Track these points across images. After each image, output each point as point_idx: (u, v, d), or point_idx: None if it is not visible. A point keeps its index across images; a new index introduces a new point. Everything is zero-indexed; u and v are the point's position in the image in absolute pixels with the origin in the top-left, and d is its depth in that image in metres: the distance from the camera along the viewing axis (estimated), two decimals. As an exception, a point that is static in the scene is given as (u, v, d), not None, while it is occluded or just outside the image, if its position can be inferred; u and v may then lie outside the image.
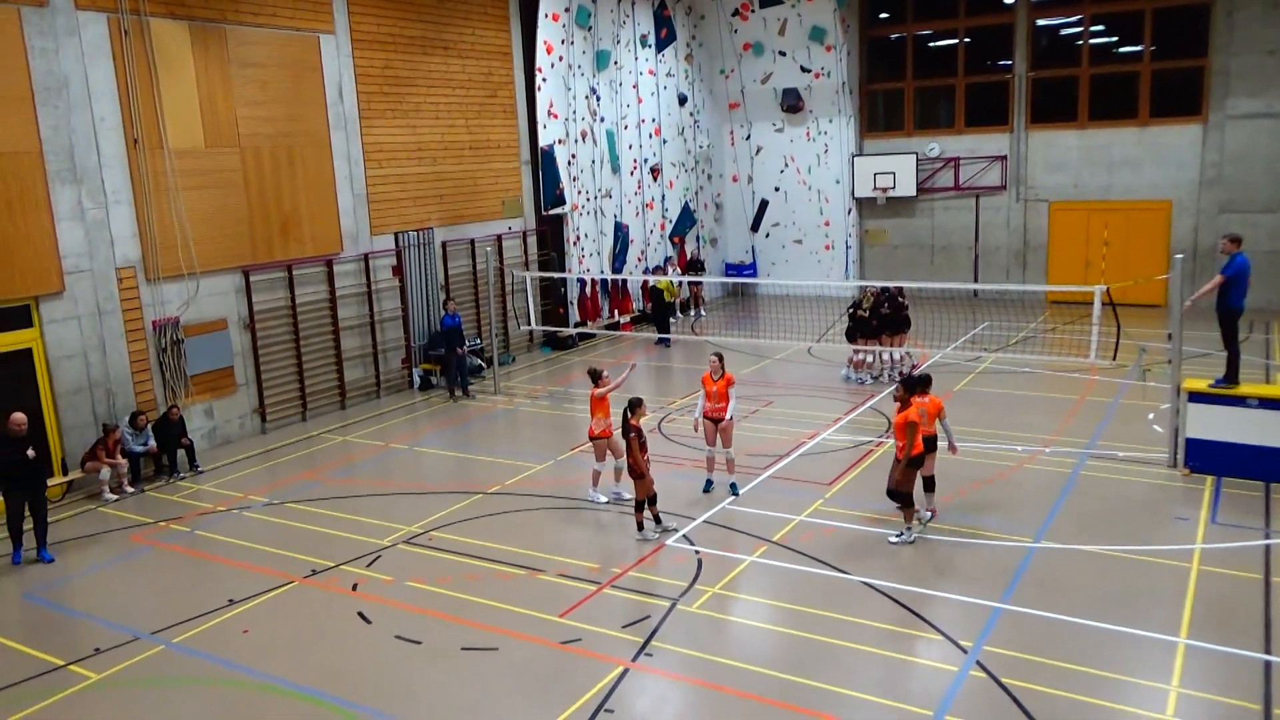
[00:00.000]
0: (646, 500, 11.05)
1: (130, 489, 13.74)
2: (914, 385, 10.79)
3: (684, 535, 11.17)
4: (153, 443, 14.10)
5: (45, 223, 13.33)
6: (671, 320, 23.51)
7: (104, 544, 11.96)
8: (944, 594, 9.47)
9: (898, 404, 10.71)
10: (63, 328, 13.62)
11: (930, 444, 10.93)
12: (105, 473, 13.42)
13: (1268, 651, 8.20)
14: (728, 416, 12.08)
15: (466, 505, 12.53)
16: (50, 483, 13.31)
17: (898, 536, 10.69)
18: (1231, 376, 12.28)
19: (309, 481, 13.84)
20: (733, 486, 12.38)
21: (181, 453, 14.41)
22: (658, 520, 11.21)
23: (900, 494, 10.58)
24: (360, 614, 9.63)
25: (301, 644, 9.13)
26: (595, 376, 12.41)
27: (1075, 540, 10.55)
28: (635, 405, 11.08)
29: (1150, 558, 10.09)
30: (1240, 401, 12.03)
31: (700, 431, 12.31)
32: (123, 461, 13.67)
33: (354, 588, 10.21)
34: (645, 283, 24.60)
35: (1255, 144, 22.40)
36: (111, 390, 14.17)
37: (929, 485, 11.21)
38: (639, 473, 10.90)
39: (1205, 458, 12.24)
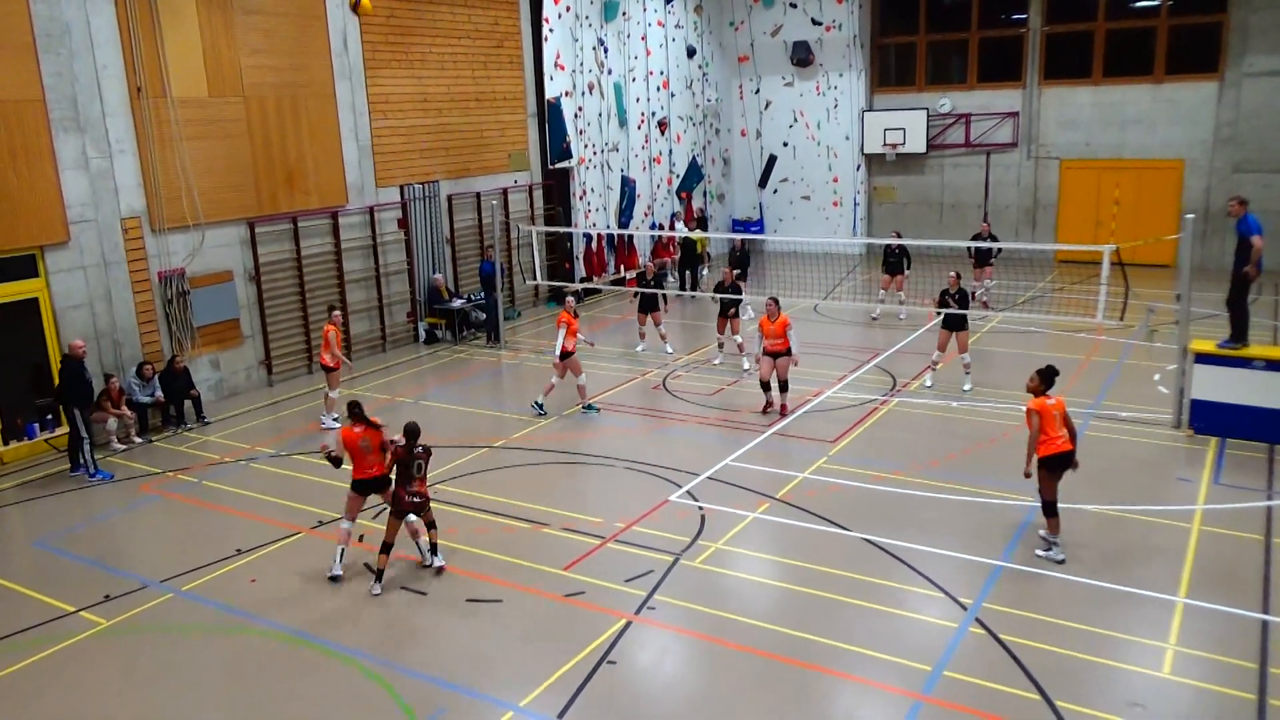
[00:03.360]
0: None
1: (138, 439, 13.83)
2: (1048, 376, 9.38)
3: (688, 491, 11.24)
4: (159, 393, 14.17)
5: (49, 172, 13.26)
6: (700, 273, 23.28)
7: (112, 493, 12.06)
8: (945, 551, 9.52)
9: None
10: (69, 277, 13.61)
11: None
12: (112, 423, 13.51)
13: (1266, 611, 8.26)
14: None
15: (472, 459, 12.59)
16: (58, 432, 13.43)
17: (1044, 550, 9.33)
18: (1238, 336, 12.23)
19: (315, 434, 13.90)
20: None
21: (188, 404, 14.49)
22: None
23: (1043, 502, 9.28)
24: (366, 565, 9.72)
25: (308, 593, 9.24)
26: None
27: (1078, 499, 10.58)
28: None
29: (1152, 518, 10.13)
30: (1245, 363, 12.00)
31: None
32: (130, 413, 13.75)
33: (360, 539, 10.30)
34: (668, 239, 24.44)
35: (1272, 102, 22.07)
36: (118, 341, 14.20)
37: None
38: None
39: (1209, 419, 12.24)
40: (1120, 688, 7.32)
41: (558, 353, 14.05)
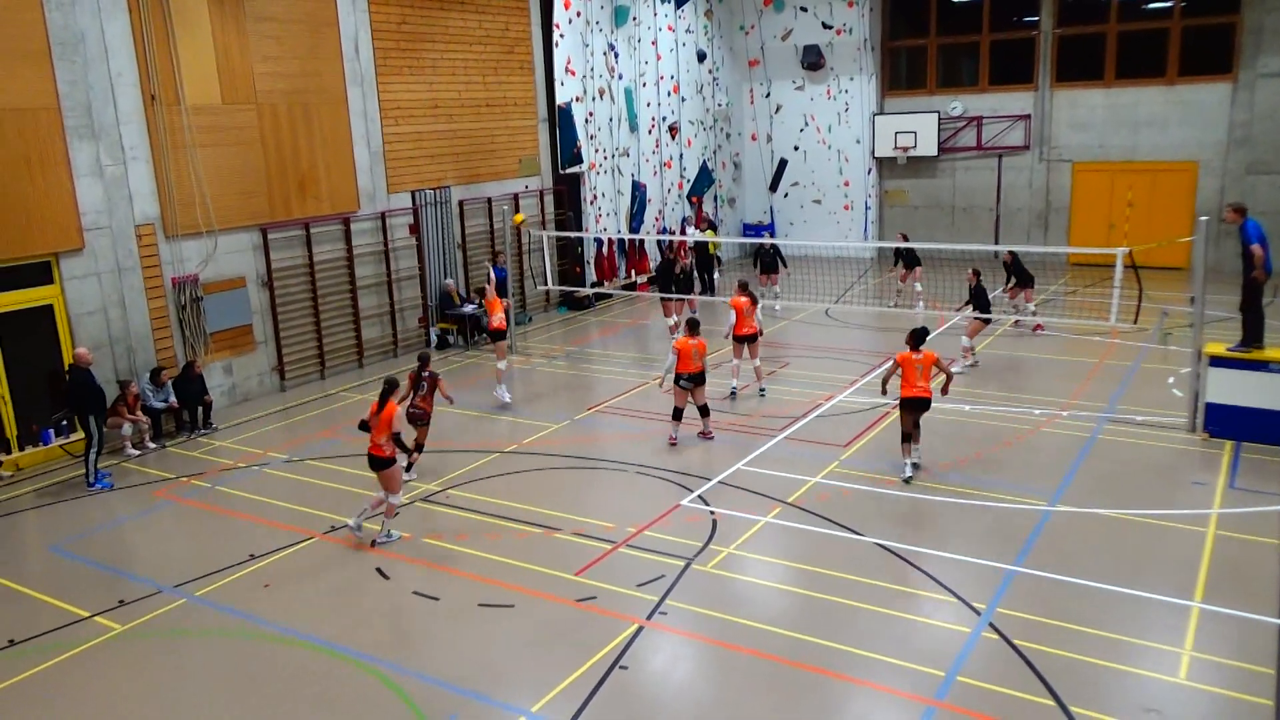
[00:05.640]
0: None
1: (152, 445, 13.90)
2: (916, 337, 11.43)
3: (699, 496, 11.23)
4: (173, 399, 14.24)
5: (64, 179, 13.36)
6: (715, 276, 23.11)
7: (127, 499, 12.13)
8: (958, 556, 9.49)
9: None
10: (83, 284, 13.70)
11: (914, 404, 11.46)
12: (127, 428, 13.58)
13: (1283, 616, 8.20)
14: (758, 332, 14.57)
15: (484, 464, 12.62)
16: (73, 438, 13.50)
17: (905, 474, 11.36)
18: (1250, 340, 12.16)
19: (328, 439, 13.95)
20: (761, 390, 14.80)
21: (200, 409, 14.55)
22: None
23: (902, 432, 11.55)
24: (379, 570, 9.75)
25: (321, 599, 9.26)
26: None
27: (1091, 503, 10.54)
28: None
29: (1166, 522, 10.07)
30: (1261, 366, 11.92)
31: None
32: (144, 418, 13.82)
33: (373, 544, 10.33)
34: (679, 243, 24.41)
35: (1286, 103, 21.96)
36: (132, 347, 14.28)
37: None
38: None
39: (1225, 422, 12.16)
40: (1136, 693, 7.27)
41: (729, 334, 14.82)
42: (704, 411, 13.03)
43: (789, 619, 8.54)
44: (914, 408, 11.31)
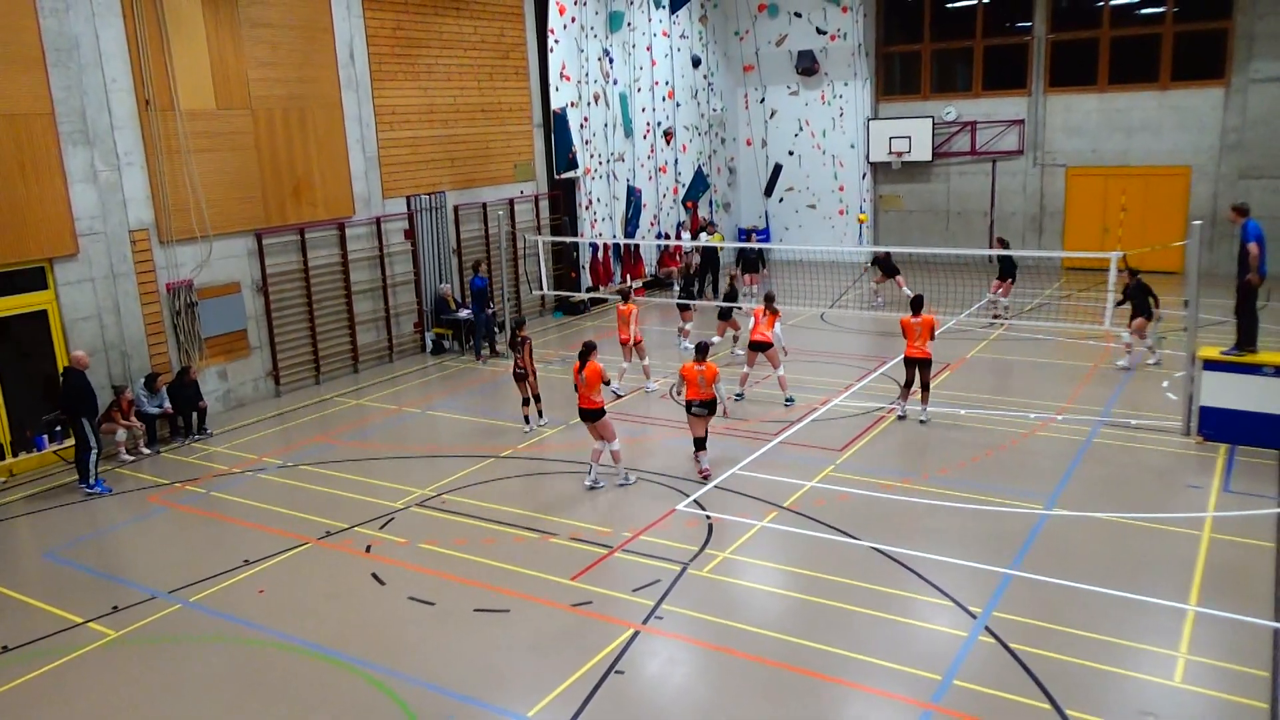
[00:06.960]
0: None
1: (146, 450, 13.87)
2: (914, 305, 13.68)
3: (695, 500, 11.22)
4: (168, 404, 14.21)
5: (58, 185, 13.34)
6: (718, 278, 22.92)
7: (121, 504, 12.10)
8: (954, 560, 9.49)
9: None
10: (77, 290, 13.68)
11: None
12: (121, 434, 13.55)
13: (1277, 619, 8.21)
14: (775, 344, 14.59)
15: (479, 469, 12.60)
16: (67, 443, 13.46)
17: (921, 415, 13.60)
18: (1245, 343, 12.20)
19: (323, 444, 13.93)
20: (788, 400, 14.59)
21: (194, 415, 14.52)
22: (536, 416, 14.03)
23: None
24: (374, 575, 9.73)
25: (316, 604, 9.24)
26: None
27: (1087, 507, 10.55)
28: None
29: (1162, 525, 10.08)
30: (1255, 370, 11.95)
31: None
32: (139, 424, 13.79)
33: (368, 549, 10.31)
34: (675, 247, 24.39)
35: (1278, 108, 22.03)
36: (126, 352, 14.26)
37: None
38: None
39: (1219, 426, 12.18)
40: (1131, 697, 7.27)
41: (746, 343, 15.08)
42: (699, 444, 11.86)
43: (785, 623, 8.53)
44: (910, 364, 13.39)
